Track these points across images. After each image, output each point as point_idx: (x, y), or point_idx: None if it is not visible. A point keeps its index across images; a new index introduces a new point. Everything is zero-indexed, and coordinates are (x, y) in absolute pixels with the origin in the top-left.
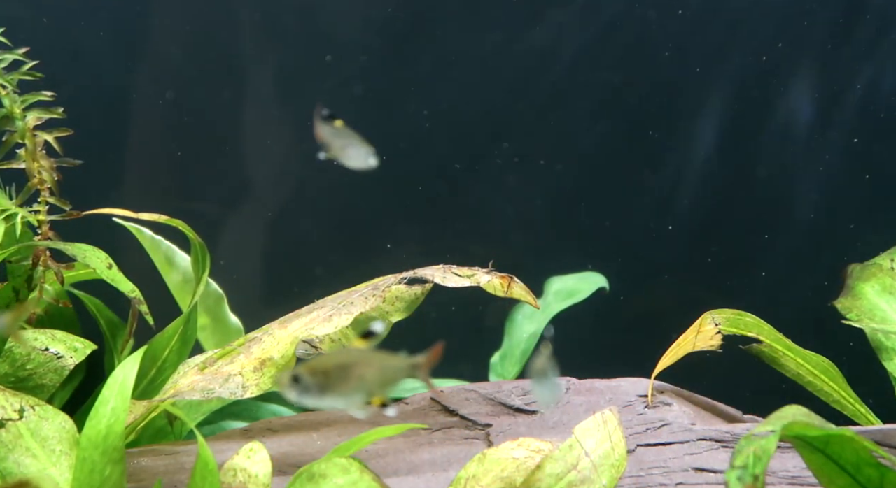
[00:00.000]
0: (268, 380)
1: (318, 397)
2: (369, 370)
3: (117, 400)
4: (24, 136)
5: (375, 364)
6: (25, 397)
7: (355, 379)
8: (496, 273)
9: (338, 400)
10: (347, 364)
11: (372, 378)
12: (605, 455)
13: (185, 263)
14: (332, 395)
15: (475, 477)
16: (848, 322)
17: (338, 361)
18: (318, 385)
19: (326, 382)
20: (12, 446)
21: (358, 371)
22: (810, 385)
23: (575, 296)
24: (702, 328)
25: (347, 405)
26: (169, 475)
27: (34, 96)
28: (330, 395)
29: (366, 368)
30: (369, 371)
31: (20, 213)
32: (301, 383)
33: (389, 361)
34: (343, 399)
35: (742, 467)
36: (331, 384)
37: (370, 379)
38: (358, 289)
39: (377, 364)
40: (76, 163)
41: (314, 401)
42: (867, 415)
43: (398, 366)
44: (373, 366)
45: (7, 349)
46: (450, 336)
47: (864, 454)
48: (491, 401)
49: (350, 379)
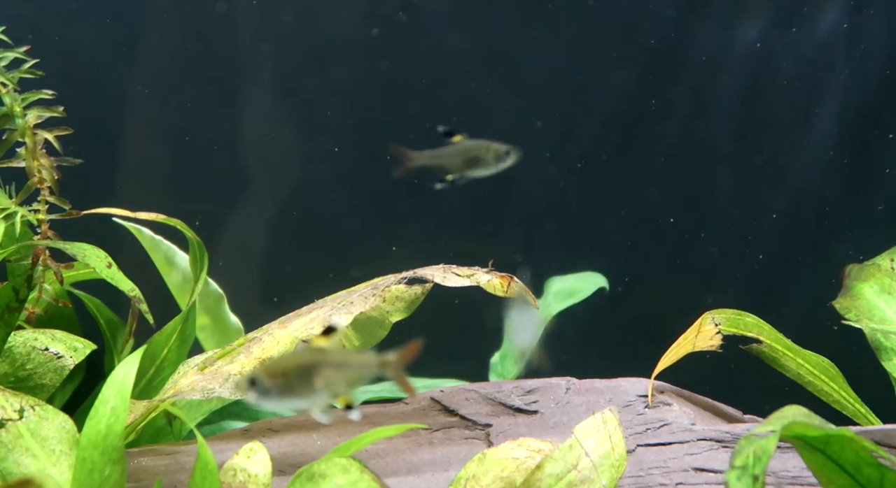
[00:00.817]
0: None
1: (278, 400)
2: (332, 369)
3: (117, 400)
4: (25, 135)
5: (339, 362)
6: (25, 397)
7: (317, 380)
8: (496, 273)
9: (300, 402)
10: (308, 364)
11: (335, 378)
12: (605, 455)
13: (185, 263)
14: (294, 398)
15: (475, 477)
16: (847, 322)
17: (298, 361)
18: (278, 387)
19: (286, 384)
20: (12, 446)
21: (320, 371)
22: (810, 385)
23: (575, 296)
24: (702, 328)
25: (310, 407)
26: (169, 475)
27: (34, 94)
28: (291, 398)
29: (328, 368)
30: (332, 370)
31: (20, 212)
32: (259, 386)
33: (355, 359)
34: (305, 401)
35: (742, 467)
36: (291, 386)
37: (333, 378)
38: (358, 289)
39: (341, 362)
40: (76, 162)
41: (275, 405)
42: (867, 415)
43: (365, 364)
44: (336, 364)
45: (7, 349)
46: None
47: (863, 454)
48: (491, 401)
49: (312, 379)
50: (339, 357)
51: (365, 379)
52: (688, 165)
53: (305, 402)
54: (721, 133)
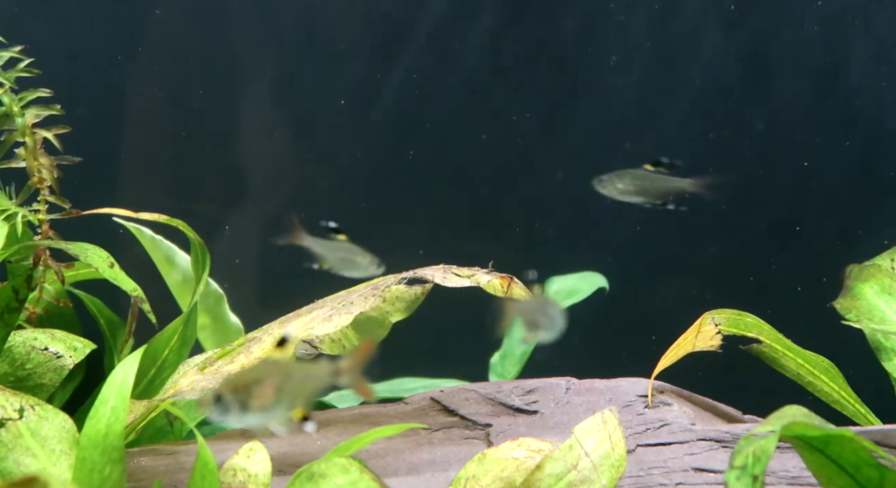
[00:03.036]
0: None
1: (240, 415)
2: (288, 381)
3: (117, 400)
4: (24, 134)
5: (293, 374)
6: (25, 397)
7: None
8: (496, 273)
9: (260, 416)
10: (266, 377)
11: (291, 389)
12: (604, 455)
13: (186, 263)
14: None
15: (475, 477)
16: (847, 322)
17: (258, 375)
18: (240, 402)
19: (247, 399)
20: (12, 446)
21: (277, 383)
22: (810, 385)
23: (575, 296)
24: (702, 328)
25: (270, 421)
26: (169, 475)
27: (32, 93)
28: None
29: (285, 379)
30: (288, 382)
31: (20, 213)
32: (224, 402)
33: (308, 370)
34: (266, 415)
35: (741, 467)
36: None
37: (290, 390)
38: (358, 289)
39: (295, 374)
40: (75, 161)
41: (236, 420)
42: (867, 415)
43: (318, 373)
44: (291, 376)
45: (7, 348)
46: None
47: (863, 454)
48: (491, 401)
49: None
50: (296, 369)
51: (320, 389)
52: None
53: (265, 416)
54: (721, 133)
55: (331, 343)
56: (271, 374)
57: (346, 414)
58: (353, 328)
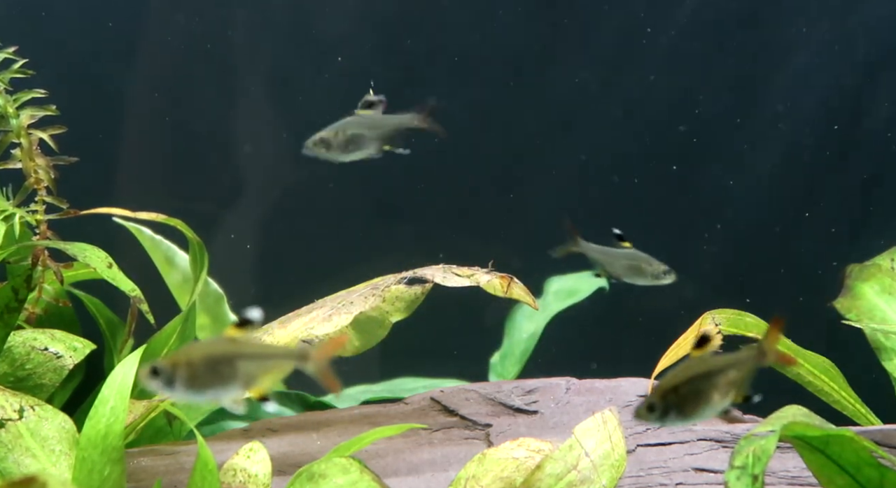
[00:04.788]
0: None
1: (185, 391)
2: (245, 361)
3: (117, 400)
4: (20, 135)
5: (252, 354)
6: (25, 397)
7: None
8: (496, 273)
9: (210, 393)
10: (219, 355)
11: (249, 369)
12: (605, 455)
13: (185, 263)
14: (203, 389)
15: (475, 477)
16: (847, 322)
17: (207, 352)
18: (184, 378)
19: (194, 375)
20: (12, 446)
21: (232, 362)
22: (810, 385)
23: (575, 296)
24: (702, 328)
25: (221, 399)
26: (169, 475)
27: (27, 94)
28: (199, 389)
29: (241, 359)
30: (246, 362)
31: (18, 213)
32: (163, 375)
33: (271, 351)
34: (215, 392)
35: (741, 467)
36: (199, 377)
37: (247, 370)
38: (358, 288)
39: (254, 354)
40: (72, 161)
41: (182, 396)
42: (867, 415)
43: (282, 356)
44: (249, 356)
45: (7, 349)
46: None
47: (863, 454)
48: (491, 401)
49: (222, 371)
50: (253, 348)
51: (282, 373)
52: (688, 165)
53: (215, 394)
54: (720, 133)
55: None
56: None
57: (346, 415)
58: (353, 328)
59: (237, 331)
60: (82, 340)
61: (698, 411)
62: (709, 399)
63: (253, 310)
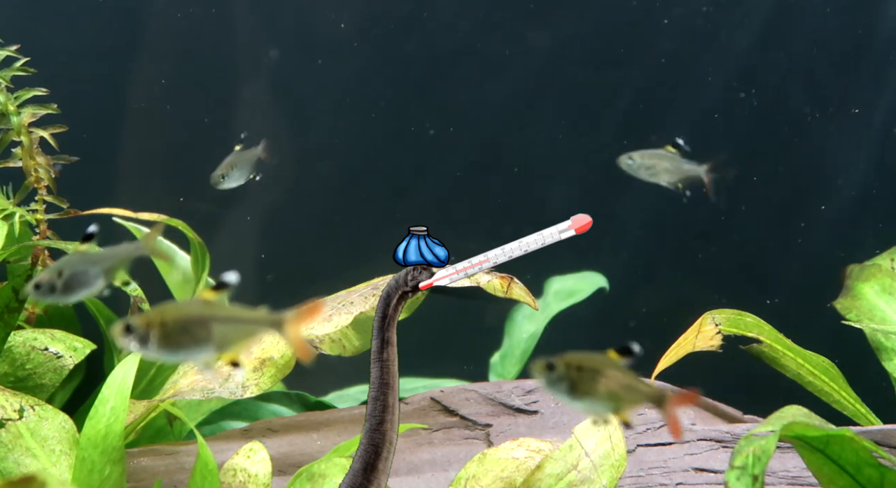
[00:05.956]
0: (268, 380)
1: (158, 351)
2: (219, 324)
3: (117, 400)
4: (20, 133)
5: (226, 317)
6: (25, 397)
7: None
8: (496, 273)
9: (181, 354)
10: (193, 316)
11: (222, 332)
12: (605, 455)
13: (185, 263)
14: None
15: (475, 477)
16: (847, 322)
17: (181, 312)
18: (157, 337)
19: (166, 335)
20: (12, 446)
21: (205, 324)
22: (810, 385)
23: (575, 296)
24: (702, 328)
25: (193, 361)
26: (169, 475)
27: (28, 92)
28: (171, 349)
29: (215, 322)
30: (219, 325)
31: (18, 213)
32: (136, 333)
33: (244, 315)
34: (187, 354)
35: (741, 467)
36: (172, 337)
37: (220, 333)
38: (358, 288)
39: (228, 317)
40: (72, 160)
41: (155, 355)
42: (867, 415)
43: (256, 320)
44: (223, 319)
45: (7, 349)
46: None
47: (864, 454)
48: (491, 401)
49: (195, 332)
50: (228, 311)
51: (254, 336)
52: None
53: (187, 355)
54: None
55: (331, 343)
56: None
57: (346, 415)
58: (353, 328)
59: (212, 294)
60: (82, 340)
61: (583, 397)
62: (598, 395)
63: (229, 273)
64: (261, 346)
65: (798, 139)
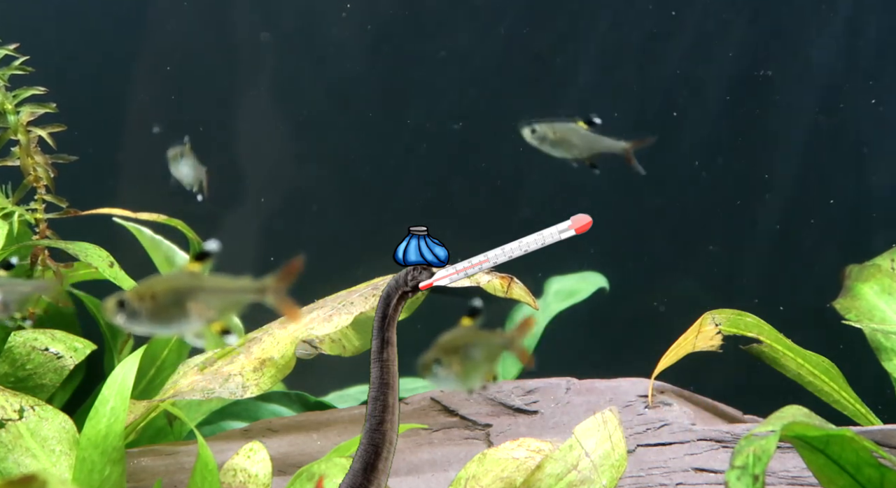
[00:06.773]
0: (268, 380)
1: (149, 324)
2: (207, 294)
3: (117, 400)
4: (18, 132)
5: (214, 287)
6: (25, 397)
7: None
8: (496, 273)
9: (173, 327)
10: (181, 287)
11: (210, 302)
12: (605, 455)
13: (186, 263)
14: (166, 322)
15: (475, 478)
16: (847, 322)
17: (170, 285)
18: (149, 310)
19: (157, 308)
20: (12, 446)
21: (193, 295)
22: (810, 385)
23: (575, 296)
24: (702, 328)
25: (182, 332)
26: (169, 475)
27: (26, 91)
28: (163, 322)
29: (203, 292)
30: (207, 295)
31: (17, 212)
32: (128, 308)
33: (230, 284)
34: (178, 326)
35: (742, 467)
36: (163, 309)
37: (208, 303)
38: (358, 288)
39: (216, 287)
40: (70, 159)
41: (146, 329)
42: (867, 415)
43: (242, 288)
44: (211, 289)
45: (7, 349)
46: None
47: (864, 454)
48: (491, 401)
49: (185, 303)
50: (214, 281)
51: (241, 305)
52: (688, 165)
53: (178, 327)
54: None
55: (331, 343)
56: (188, 285)
57: (346, 415)
58: (354, 328)
59: (196, 265)
60: (83, 340)
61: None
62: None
63: (210, 241)
64: (261, 346)
65: (798, 139)
